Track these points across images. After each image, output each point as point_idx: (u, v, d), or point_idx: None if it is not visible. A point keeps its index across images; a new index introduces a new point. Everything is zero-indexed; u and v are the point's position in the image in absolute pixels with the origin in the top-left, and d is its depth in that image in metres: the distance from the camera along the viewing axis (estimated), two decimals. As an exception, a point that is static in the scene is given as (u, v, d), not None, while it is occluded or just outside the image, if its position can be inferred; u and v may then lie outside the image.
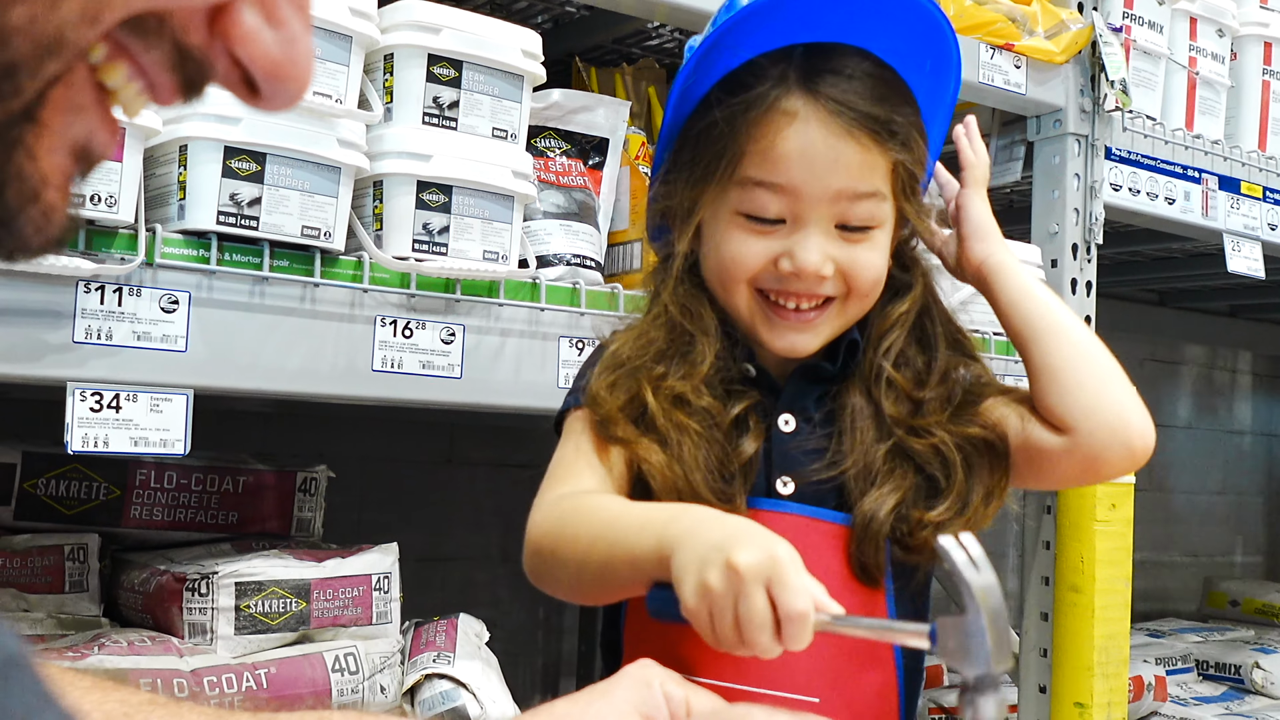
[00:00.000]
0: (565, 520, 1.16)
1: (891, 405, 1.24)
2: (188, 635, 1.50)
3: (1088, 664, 2.05)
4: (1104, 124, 2.20)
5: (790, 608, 0.92)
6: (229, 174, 1.33)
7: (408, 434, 2.50)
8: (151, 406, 1.31)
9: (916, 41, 1.22)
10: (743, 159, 1.20)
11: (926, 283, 1.32)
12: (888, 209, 1.23)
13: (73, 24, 0.44)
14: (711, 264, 1.25)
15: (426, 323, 1.48)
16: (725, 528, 1.00)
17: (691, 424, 1.21)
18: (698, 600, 0.96)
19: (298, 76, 0.51)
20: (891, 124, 1.20)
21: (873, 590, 1.21)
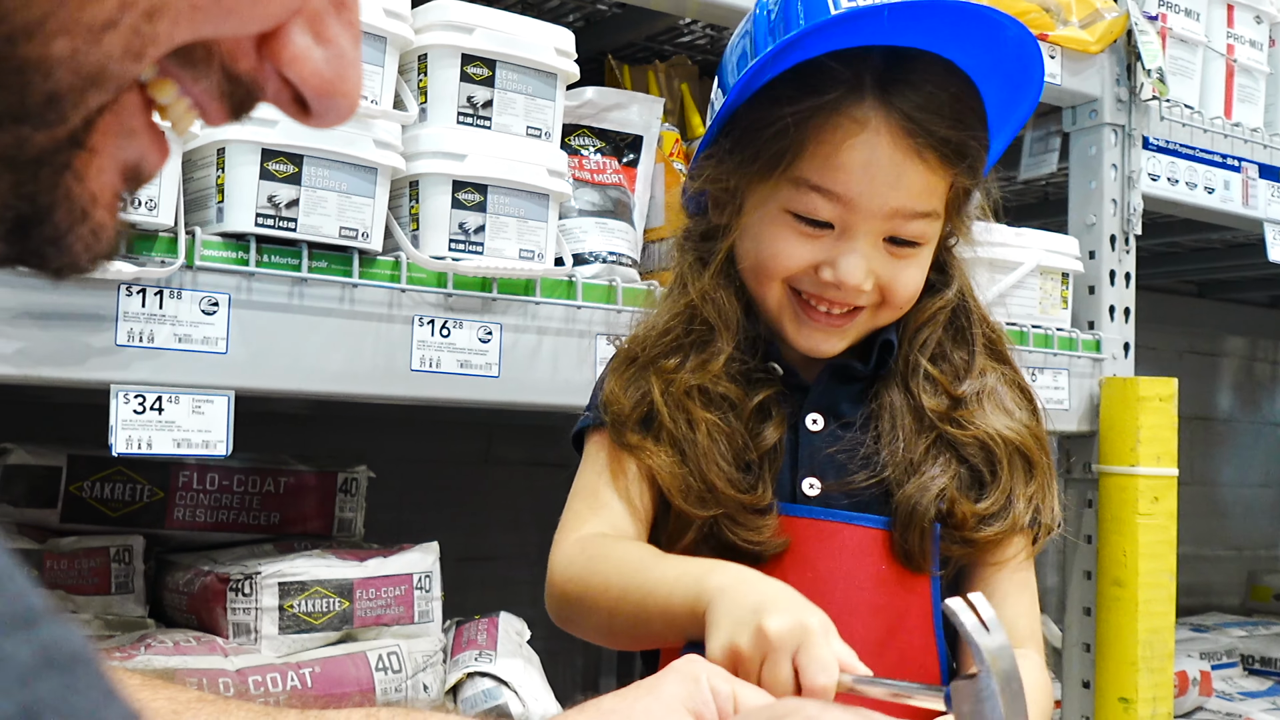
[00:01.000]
0: (591, 567, 1.15)
1: (931, 399, 1.23)
2: (232, 635, 1.51)
3: (1132, 659, 2.03)
4: (1141, 113, 2.19)
5: (814, 681, 0.92)
6: (267, 176, 1.34)
7: (445, 434, 2.51)
8: (194, 408, 1.32)
9: (999, 56, 1.17)
10: (803, 159, 1.17)
11: (964, 279, 1.30)
12: (938, 227, 1.22)
13: (116, 58, 0.44)
14: (750, 255, 1.23)
15: (464, 322, 1.48)
16: (762, 591, 1.00)
17: (706, 415, 1.19)
18: (724, 659, 0.96)
19: (348, 93, 0.51)
20: (963, 147, 1.17)
21: (916, 576, 1.20)
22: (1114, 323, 2.17)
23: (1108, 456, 2.09)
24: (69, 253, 0.48)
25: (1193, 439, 3.69)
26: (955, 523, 1.19)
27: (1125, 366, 2.17)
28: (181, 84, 0.49)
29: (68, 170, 0.46)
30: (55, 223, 0.47)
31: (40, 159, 0.45)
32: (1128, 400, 2.06)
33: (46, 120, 0.44)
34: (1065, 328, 2.09)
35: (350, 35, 0.51)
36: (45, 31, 0.42)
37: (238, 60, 0.49)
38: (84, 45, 0.43)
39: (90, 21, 0.43)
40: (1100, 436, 2.10)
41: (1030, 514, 1.21)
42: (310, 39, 0.50)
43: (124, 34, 0.44)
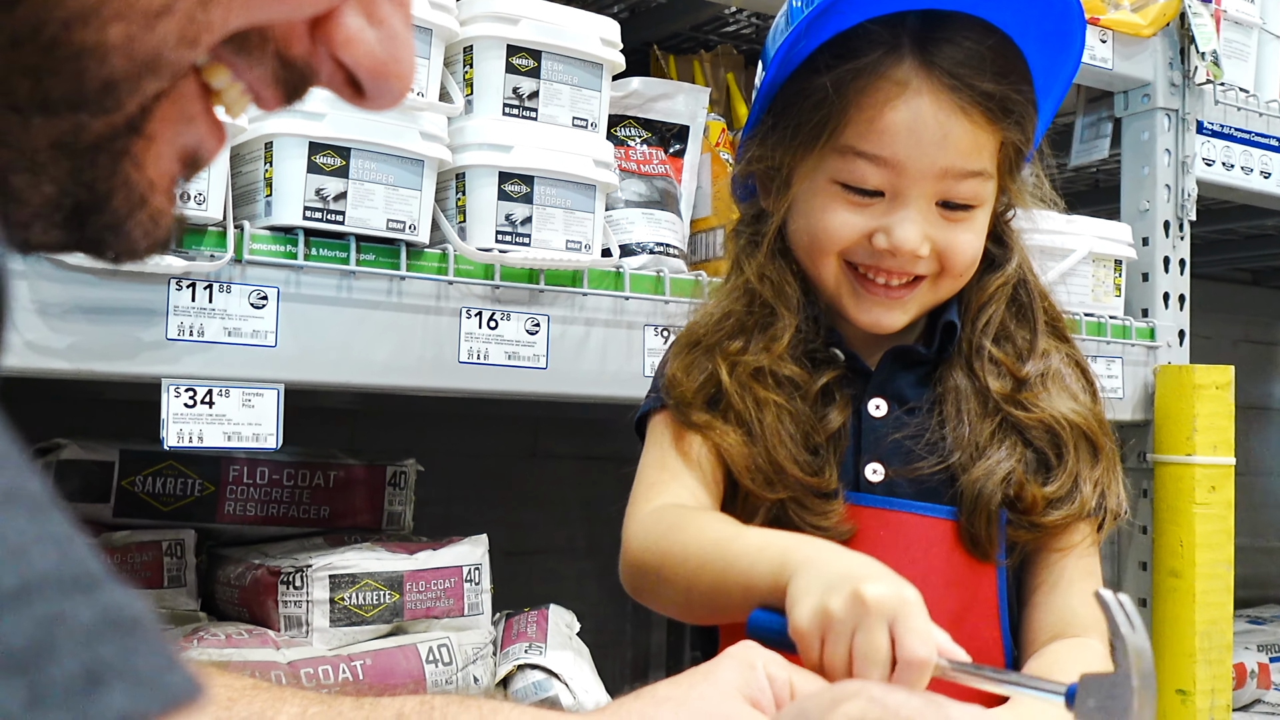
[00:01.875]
0: (669, 537, 1.12)
1: (995, 381, 1.20)
2: (284, 628, 1.52)
3: (1190, 650, 2.00)
4: (1195, 97, 2.15)
5: (913, 652, 0.87)
6: (314, 169, 1.34)
7: (492, 427, 2.51)
8: (243, 401, 1.32)
9: (1037, 11, 1.16)
10: (846, 127, 1.15)
11: (1023, 255, 1.28)
12: (991, 187, 1.19)
13: (171, 44, 0.44)
14: (802, 232, 1.21)
15: (511, 313, 1.48)
16: (853, 560, 0.96)
17: (772, 396, 1.18)
18: (813, 623, 0.92)
19: (402, 74, 0.51)
20: (1007, 101, 1.15)
21: (982, 565, 1.18)
22: (1168, 310, 2.14)
23: (1163, 445, 2.06)
24: (127, 239, 0.48)
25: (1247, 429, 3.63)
26: (1023, 507, 1.17)
27: (1180, 354, 2.14)
28: (236, 70, 0.49)
29: (126, 156, 0.47)
30: (114, 209, 0.47)
31: (98, 145, 0.45)
32: (1183, 388, 2.03)
33: (103, 107, 0.44)
34: (1119, 315, 2.06)
35: (402, 15, 0.51)
36: (101, 17, 0.42)
37: (291, 45, 0.49)
38: (139, 31, 0.43)
39: (145, 7, 0.43)
40: (1155, 425, 2.07)
41: (1096, 498, 1.19)
42: (363, 20, 0.49)
43: (179, 20, 0.44)
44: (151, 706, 0.31)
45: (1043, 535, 1.19)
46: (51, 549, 0.31)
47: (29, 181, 0.45)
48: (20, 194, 0.45)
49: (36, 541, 0.31)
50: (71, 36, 0.42)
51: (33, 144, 0.44)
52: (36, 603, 0.30)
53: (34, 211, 0.46)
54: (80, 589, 0.31)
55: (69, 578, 0.31)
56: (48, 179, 0.45)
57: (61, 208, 0.46)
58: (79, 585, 0.31)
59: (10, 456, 0.32)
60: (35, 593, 0.30)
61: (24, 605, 0.29)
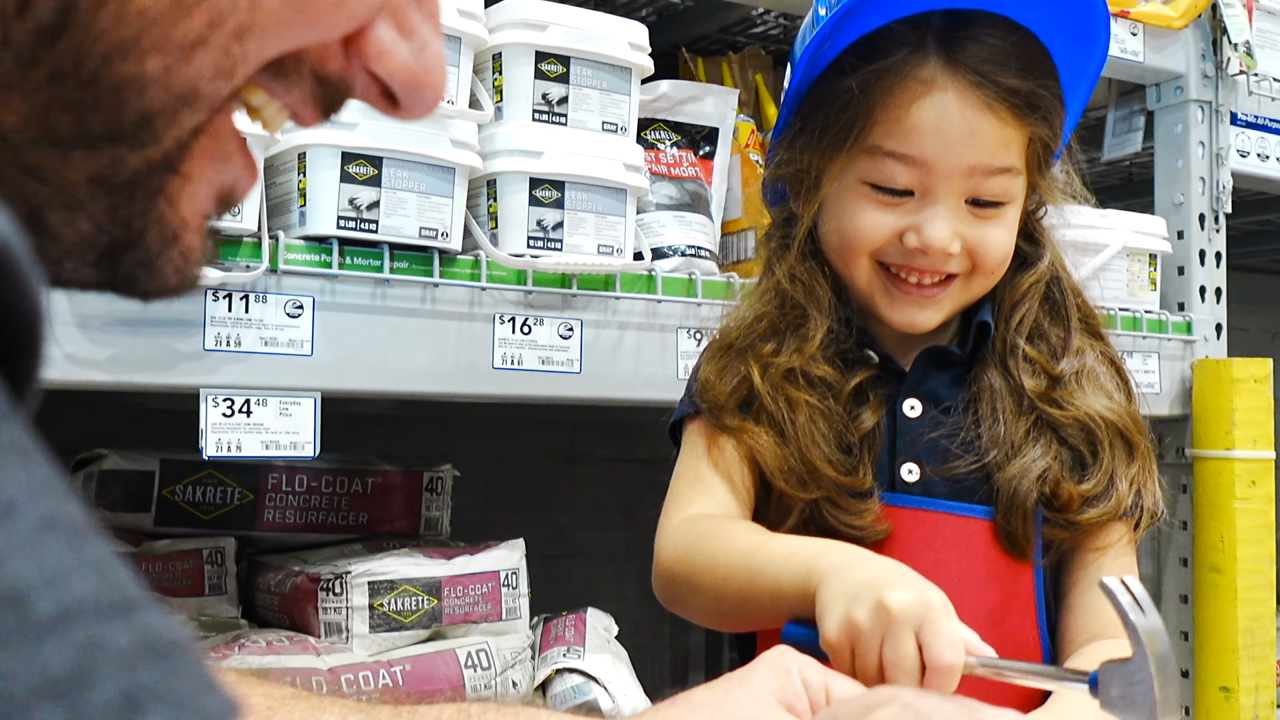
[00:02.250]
0: (699, 546, 1.13)
1: (1030, 380, 1.20)
2: (324, 634, 1.53)
3: (1232, 647, 1.99)
4: (1228, 89, 2.14)
5: (940, 658, 0.88)
6: (347, 179, 1.35)
7: (528, 432, 2.52)
8: (281, 410, 1.34)
9: (1060, 7, 1.16)
10: (873, 127, 1.16)
11: (1055, 253, 1.28)
12: (1020, 184, 1.19)
13: (207, 77, 0.45)
14: (833, 234, 1.22)
15: (544, 318, 1.49)
16: (878, 566, 0.97)
17: (805, 397, 1.18)
18: (841, 635, 0.93)
19: (434, 84, 0.52)
20: (1033, 97, 1.15)
21: (1019, 565, 1.18)
22: (1205, 304, 2.12)
23: (1202, 440, 2.04)
24: (159, 276, 0.49)
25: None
26: (1059, 505, 1.17)
27: (1218, 348, 2.12)
28: (273, 93, 0.49)
29: (161, 194, 0.47)
30: (147, 246, 0.48)
31: (135, 181, 0.46)
32: (1221, 382, 2.02)
33: (141, 140, 0.45)
34: (1154, 310, 2.05)
35: (432, 25, 0.51)
36: (139, 49, 0.43)
37: (326, 63, 0.50)
38: (175, 63, 0.44)
39: (181, 39, 0.43)
40: (1194, 420, 2.05)
41: (1133, 496, 1.19)
42: (395, 33, 0.50)
43: (214, 53, 0.44)
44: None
45: (1079, 534, 1.19)
46: (90, 574, 0.31)
47: (65, 218, 0.45)
48: (55, 230, 0.46)
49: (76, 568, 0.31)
50: (111, 70, 0.43)
51: (71, 179, 0.45)
52: (76, 629, 0.30)
53: (67, 249, 0.46)
54: (119, 614, 0.31)
55: (107, 603, 0.31)
56: (84, 216, 0.46)
57: (96, 245, 0.46)
58: (117, 610, 0.31)
59: (50, 482, 0.32)
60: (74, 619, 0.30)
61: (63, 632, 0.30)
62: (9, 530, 0.30)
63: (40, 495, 0.31)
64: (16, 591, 0.29)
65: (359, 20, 0.49)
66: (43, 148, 0.43)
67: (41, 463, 0.32)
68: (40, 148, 0.43)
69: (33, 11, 0.41)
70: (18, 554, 0.30)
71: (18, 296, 0.33)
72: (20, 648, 0.29)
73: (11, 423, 0.32)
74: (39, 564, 0.30)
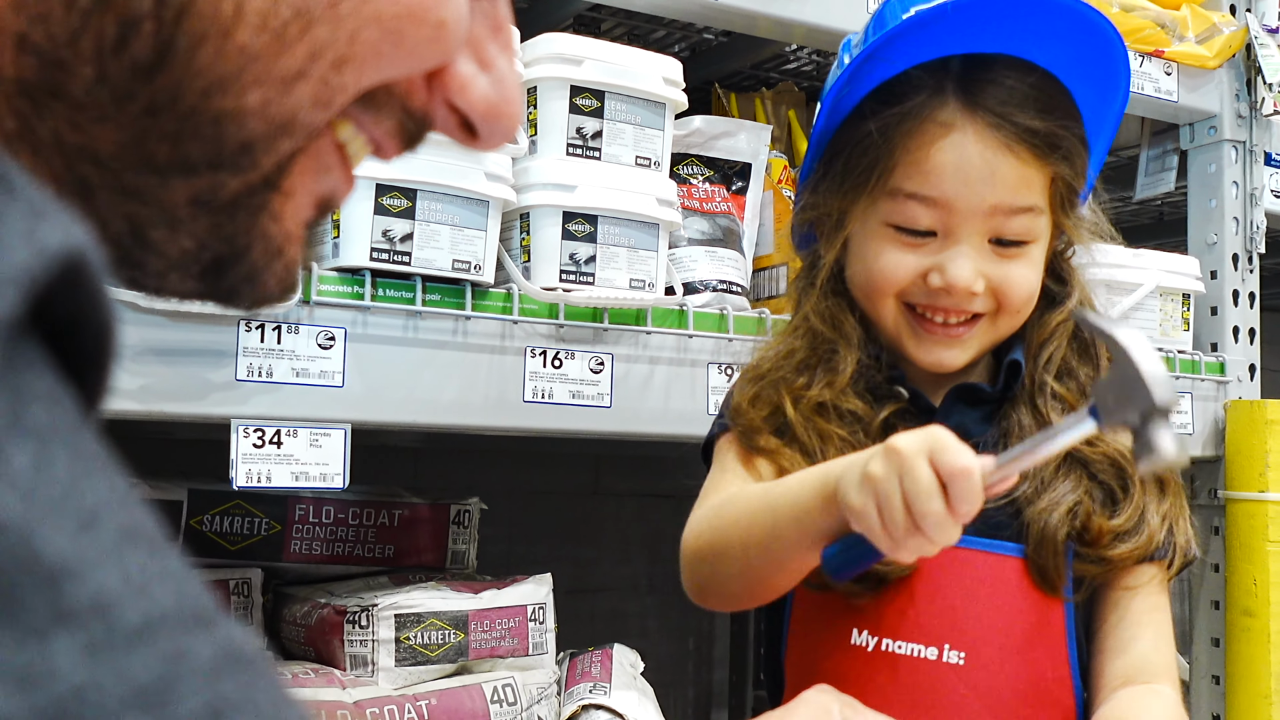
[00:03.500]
0: (721, 514, 1.16)
1: (1059, 418, 1.20)
2: (349, 667, 1.52)
3: (1265, 691, 1.96)
4: (1262, 129, 2.13)
5: (954, 464, 0.93)
6: (381, 211, 1.35)
7: (553, 465, 2.51)
8: (311, 441, 1.33)
9: (1081, 50, 1.17)
10: (895, 170, 1.17)
11: (1083, 292, 1.28)
12: (1044, 223, 1.20)
13: (306, 107, 0.45)
14: (859, 275, 1.23)
15: (575, 352, 1.48)
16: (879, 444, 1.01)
17: (835, 430, 1.18)
18: (864, 495, 0.97)
19: (513, 114, 0.52)
20: (1053, 137, 1.16)
21: (1050, 601, 1.17)
22: (1238, 344, 2.10)
23: (1235, 482, 2.02)
24: (263, 288, 0.50)
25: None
26: (1089, 539, 1.16)
27: (1251, 389, 2.10)
28: (361, 125, 0.50)
29: (264, 211, 0.48)
30: (252, 260, 0.48)
31: (236, 202, 0.47)
32: (1255, 424, 2.00)
33: (240, 167, 0.46)
34: (1187, 350, 2.03)
35: (508, 57, 0.52)
36: (239, 85, 0.43)
37: (413, 97, 0.50)
38: (276, 96, 0.44)
39: (283, 73, 0.44)
40: (1227, 461, 2.03)
41: (1164, 532, 1.18)
42: (475, 66, 0.51)
43: (314, 84, 0.45)
44: None
45: (1111, 570, 1.18)
46: (171, 585, 0.32)
47: (167, 235, 0.46)
48: (159, 246, 0.46)
49: (158, 578, 0.31)
50: (210, 104, 0.43)
51: (171, 200, 0.45)
52: (160, 639, 0.30)
53: (171, 263, 0.47)
54: (200, 626, 0.31)
55: (190, 614, 0.31)
56: (186, 233, 0.46)
57: (199, 260, 0.47)
58: (199, 622, 0.32)
59: (129, 494, 0.33)
60: (159, 630, 0.30)
61: (148, 642, 0.30)
62: (94, 540, 0.30)
63: (120, 506, 0.32)
64: (103, 601, 0.29)
65: (450, 54, 0.50)
66: (141, 173, 0.44)
67: (117, 474, 0.33)
68: (138, 172, 0.44)
69: (130, 49, 0.41)
70: (103, 564, 0.30)
71: (92, 310, 0.34)
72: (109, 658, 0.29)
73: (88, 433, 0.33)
74: (123, 574, 0.30)
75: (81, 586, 0.29)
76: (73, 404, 0.33)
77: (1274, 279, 3.08)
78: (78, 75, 0.41)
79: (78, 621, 0.29)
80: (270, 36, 0.43)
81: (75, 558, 0.29)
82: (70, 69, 0.41)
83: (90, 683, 0.28)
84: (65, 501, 0.30)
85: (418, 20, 0.46)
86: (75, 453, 0.31)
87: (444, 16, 0.48)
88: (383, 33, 0.46)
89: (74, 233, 0.32)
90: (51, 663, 0.28)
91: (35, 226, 0.31)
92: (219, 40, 0.42)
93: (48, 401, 0.31)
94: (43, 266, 0.31)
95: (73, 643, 0.29)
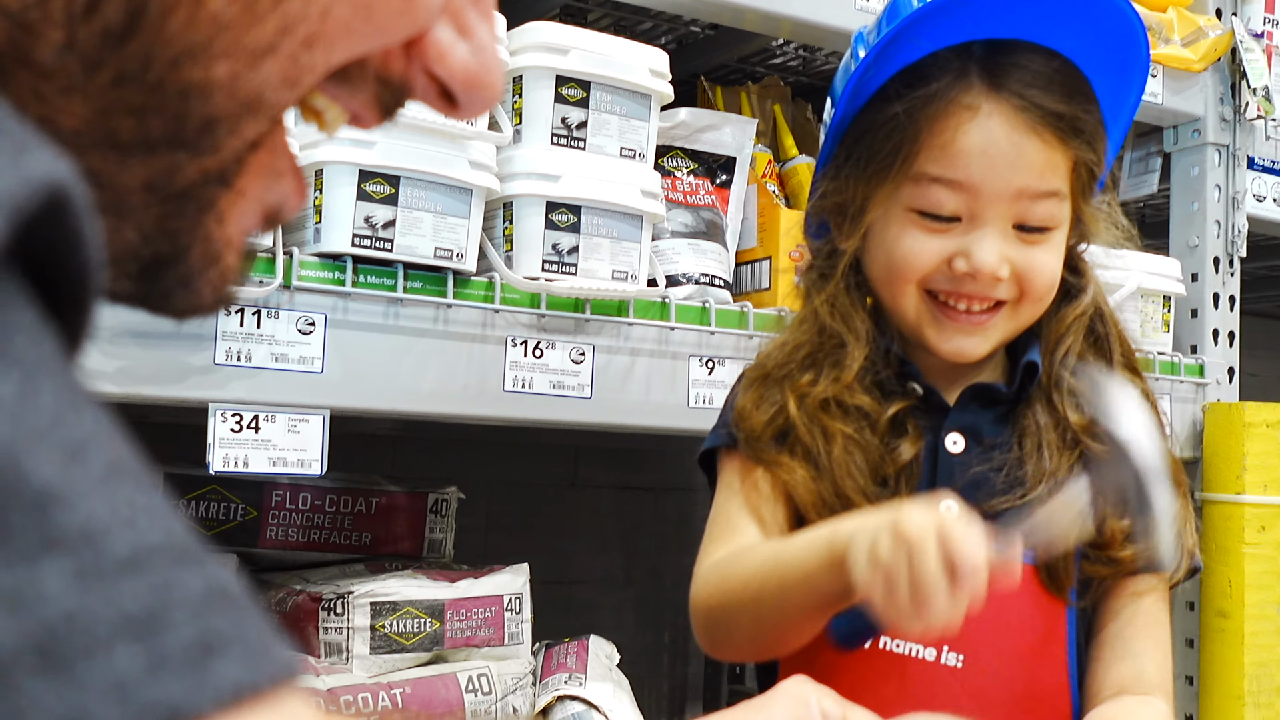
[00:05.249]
0: (730, 573, 1.14)
1: (1074, 414, 1.19)
2: (324, 654, 1.51)
3: (1238, 693, 1.97)
4: (1246, 133, 2.13)
5: (965, 561, 0.92)
6: (364, 197, 1.35)
7: (532, 456, 2.51)
8: (289, 427, 1.33)
9: (1100, 37, 1.16)
10: (919, 154, 1.15)
11: (1097, 286, 1.27)
12: (1066, 209, 1.18)
13: (273, 85, 0.44)
14: (880, 263, 1.21)
15: (557, 342, 1.48)
16: (887, 510, 1.00)
17: (839, 427, 1.17)
18: (872, 571, 0.95)
19: (493, 83, 0.52)
20: (1077, 121, 1.15)
21: (1055, 604, 1.16)
22: (1218, 347, 2.11)
23: (1212, 484, 2.03)
24: (196, 295, 0.49)
25: (1295, 468, 3.58)
26: (1102, 540, 1.15)
27: (1230, 392, 2.11)
28: (336, 98, 0.50)
29: (211, 209, 0.47)
30: (189, 264, 0.48)
31: (188, 192, 0.46)
32: (1233, 426, 2.01)
33: (200, 147, 0.45)
34: (1167, 352, 2.04)
35: (488, 25, 0.52)
36: (209, 54, 0.42)
37: (389, 66, 0.50)
38: (244, 70, 0.43)
39: (253, 46, 0.43)
40: (1204, 463, 2.04)
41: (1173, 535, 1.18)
42: (454, 34, 0.50)
43: (282, 60, 0.44)
44: (261, 677, 0.31)
45: (1118, 573, 1.17)
46: (159, 520, 0.32)
47: (113, 225, 0.45)
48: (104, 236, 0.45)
49: (145, 512, 0.31)
50: (179, 74, 0.42)
51: (126, 184, 0.44)
52: (149, 571, 0.30)
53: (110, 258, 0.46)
54: (189, 560, 0.32)
55: (178, 548, 0.32)
56: (132, 224, 0.45)
57: (139, 257, 0.46)
58: (187, 557, 0.32)
59: (115, 431, 0.33)
60: (147, 561, 0.31)
61: (138, 572, 0.30)
62: (82, 469, 0.30)
63: (107, 440, 0.32)
64: (92, 530, 0.30)
65: (424, 25, 0.49)
66: (102, 151, 0.43)
67: (101, 411, 0.33)
68: (99, 151, 0.43)
69: (101, 13, 0.40)
70: (91, 494, 0.30)
71: (76, 246, 0.33)
72: (99, 585, 0.29)
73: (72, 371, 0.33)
74: (110, 505, 0.31)
75: (71, 513, 0.29)
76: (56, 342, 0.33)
77: (1254, 283, 3.09)
78: (46, 40, 0.40)
79: (67, 547, 0.29)
80: (242, 6, 0.42)
81: (64, 485, 0.30)
82: (39, 33, 0.40)
83: (80, 608, 0.28)
84: (53, 431, 0.30)
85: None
86: (61, 385, 0.31)
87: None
88: (354, 8, 0.45)
89: (59, 167, 0.32)
90: (41, 587, 0.28)
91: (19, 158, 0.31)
92: (191, 6, 0.41)
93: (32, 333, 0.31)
94: (27, 196, 0.31)
95: (62, 568, 0.29)
